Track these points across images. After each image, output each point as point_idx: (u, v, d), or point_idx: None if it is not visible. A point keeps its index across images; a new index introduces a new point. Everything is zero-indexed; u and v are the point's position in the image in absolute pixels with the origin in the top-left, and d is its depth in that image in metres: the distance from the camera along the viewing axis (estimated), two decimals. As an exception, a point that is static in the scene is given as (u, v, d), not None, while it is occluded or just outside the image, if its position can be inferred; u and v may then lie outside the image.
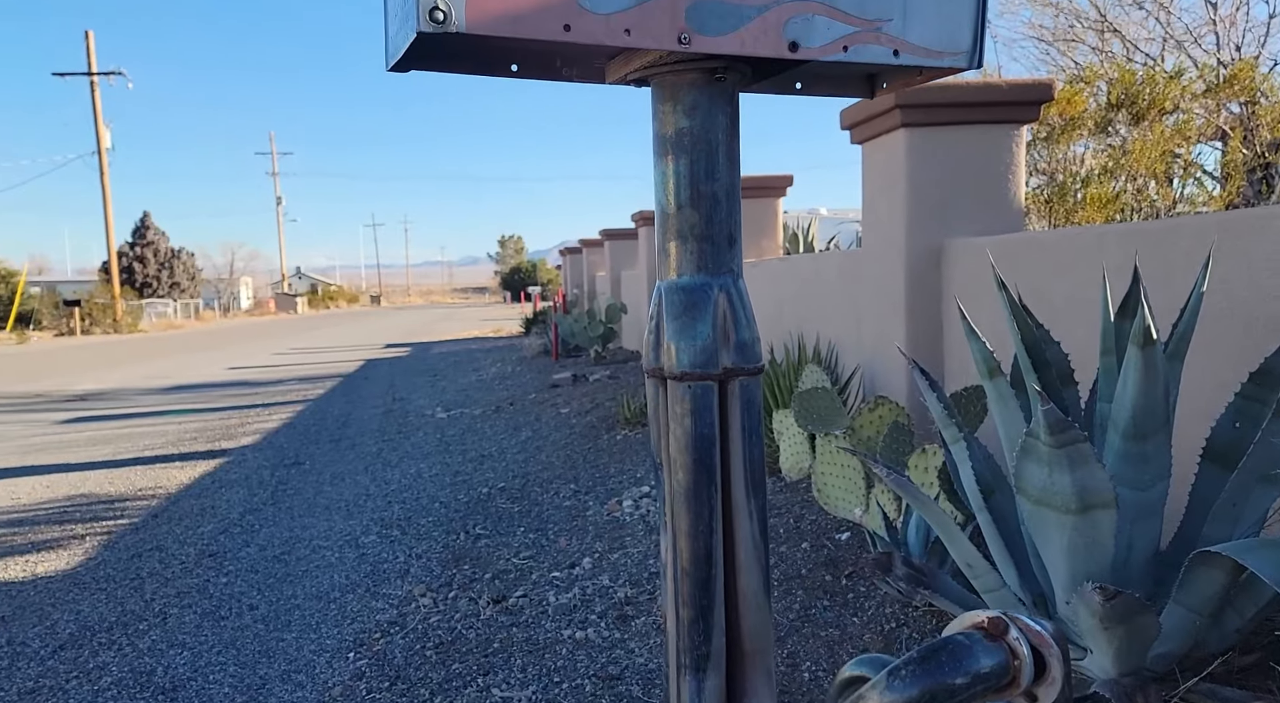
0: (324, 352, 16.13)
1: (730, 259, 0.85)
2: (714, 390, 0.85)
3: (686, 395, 0.84)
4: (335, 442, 6.53)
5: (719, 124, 0.82)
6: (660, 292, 0.86)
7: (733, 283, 0.85)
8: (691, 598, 0.82)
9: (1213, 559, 1.60)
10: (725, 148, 0.83)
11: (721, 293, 0.85)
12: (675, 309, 0.85)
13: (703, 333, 0.84)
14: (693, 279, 0.84)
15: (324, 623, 2.89)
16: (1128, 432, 1.74)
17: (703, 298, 0.84)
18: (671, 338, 0.85)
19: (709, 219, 0.84)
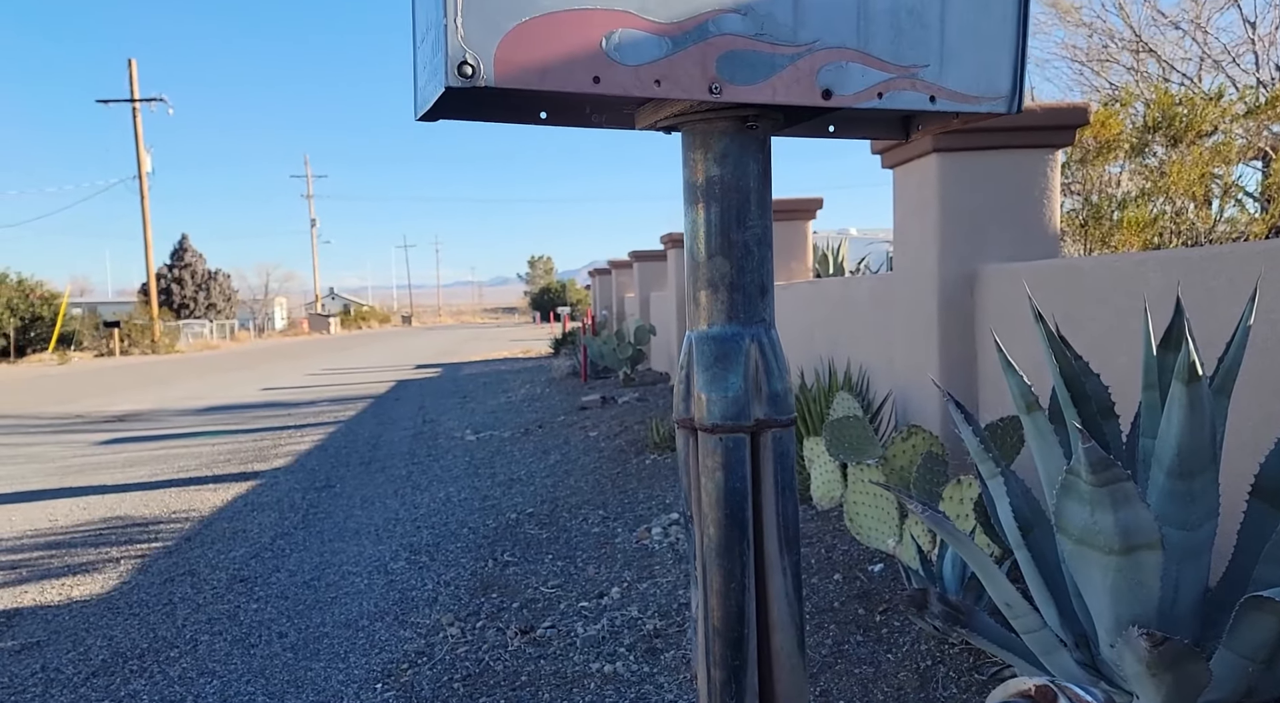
0: (356, 372, 16.28)
1: (762, 309, 0.83)
2: (746, 443, 0.83)
3: (718, 448, 0.82)
4: (365, 464, 6.57)
5: (751, 172, 0.80)
6: (690, 341, 0.84)
7: (765, 333, 0.84)
8: (723, 659, 0.79)
9: (1265, 604, 1.54)
10: (757, 195, 0.82)
11: (753, 343, 0.83)
12: (706, 360, 0.83)
13: (734, 384, 0.82)
14: (724, 329, 0.82)
15: (352, 652, 2.88)
16: (1173, 470, 1.69)
17: (734, 348, 0.82)
18: (702, 389, 0.83)
19: (740, 268, 0.82)
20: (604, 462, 5.87)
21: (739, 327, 0.82)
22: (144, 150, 30.29)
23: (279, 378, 15.55)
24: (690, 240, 0.84)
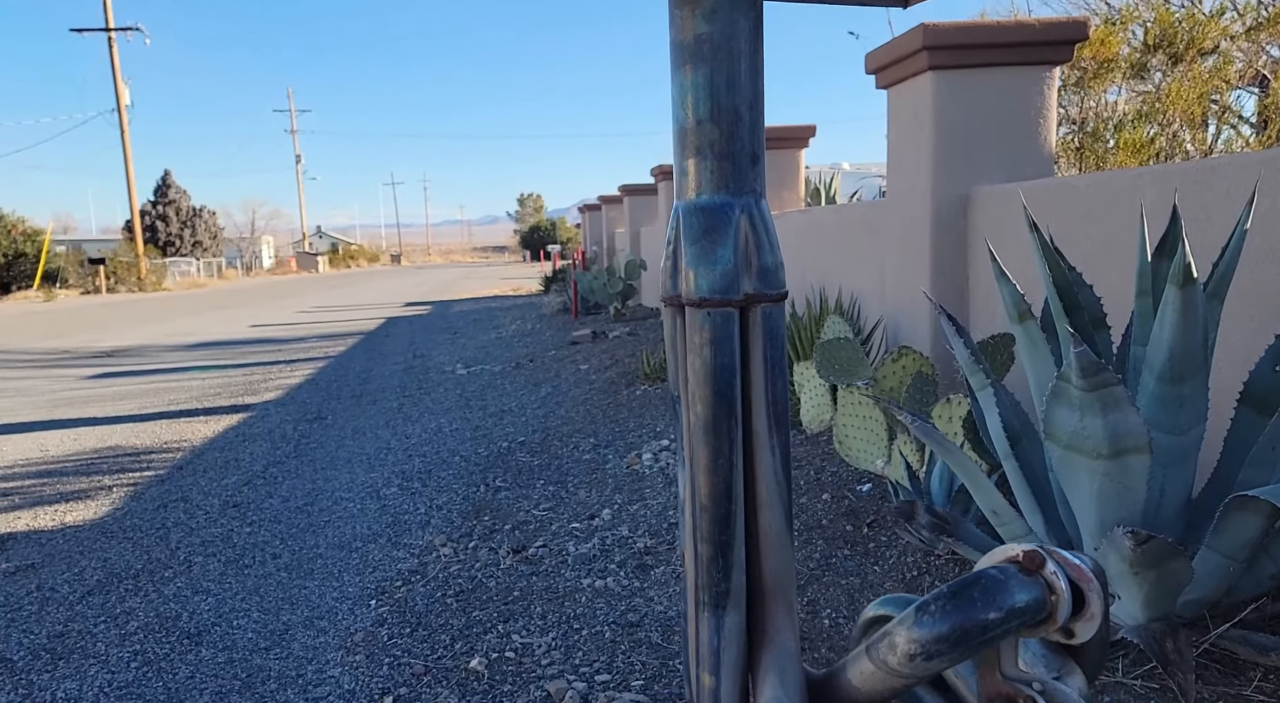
0: (345, 310, 16.19)
1: (753, 178, 0.80)
2: (735, 318, 0.81)
3: (706, 324, 0.80)
4: (356, 397, 6.56)
5: (741, 30, 0.76)
6: (678, 213, 0.81)
7: (755, 204, 0.81)
8: (710, 535, 0.79)
9: (1249, 503, 1.55)
10: (748, 57, 0.78)
11: (744, 215, 0.80)
12: (694, 232, 0.80)
13: (723, 257, 0.80)
14: (713, 199, 0.79)
15: (346, 571, 2.91)
16: (1164, 374, 1.68)
17: (723, 220, 0.80)
18: (690, 263, 0.80)
19: (730, 135, 0.79)
20: (595, 393, 5.88)
21: (729, 196, 0.79)
22: (121, 82, 29.50)
23: (268, 315, 15.45)
24: (677, 107, 0.81)
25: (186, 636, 2.44)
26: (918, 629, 0.73)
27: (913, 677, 0.75)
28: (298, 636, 2.43)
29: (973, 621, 0.71)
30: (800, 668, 0.82)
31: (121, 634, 2.46)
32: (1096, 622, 0.72)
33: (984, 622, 0.71)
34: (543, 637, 2.30)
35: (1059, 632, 0.73)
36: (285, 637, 2.42)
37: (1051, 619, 0.72)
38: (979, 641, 0.71)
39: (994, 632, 0.71)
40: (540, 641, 2.28)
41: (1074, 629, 0.73)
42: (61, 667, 2.28)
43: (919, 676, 0.74)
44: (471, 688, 2.04)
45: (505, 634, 2.33)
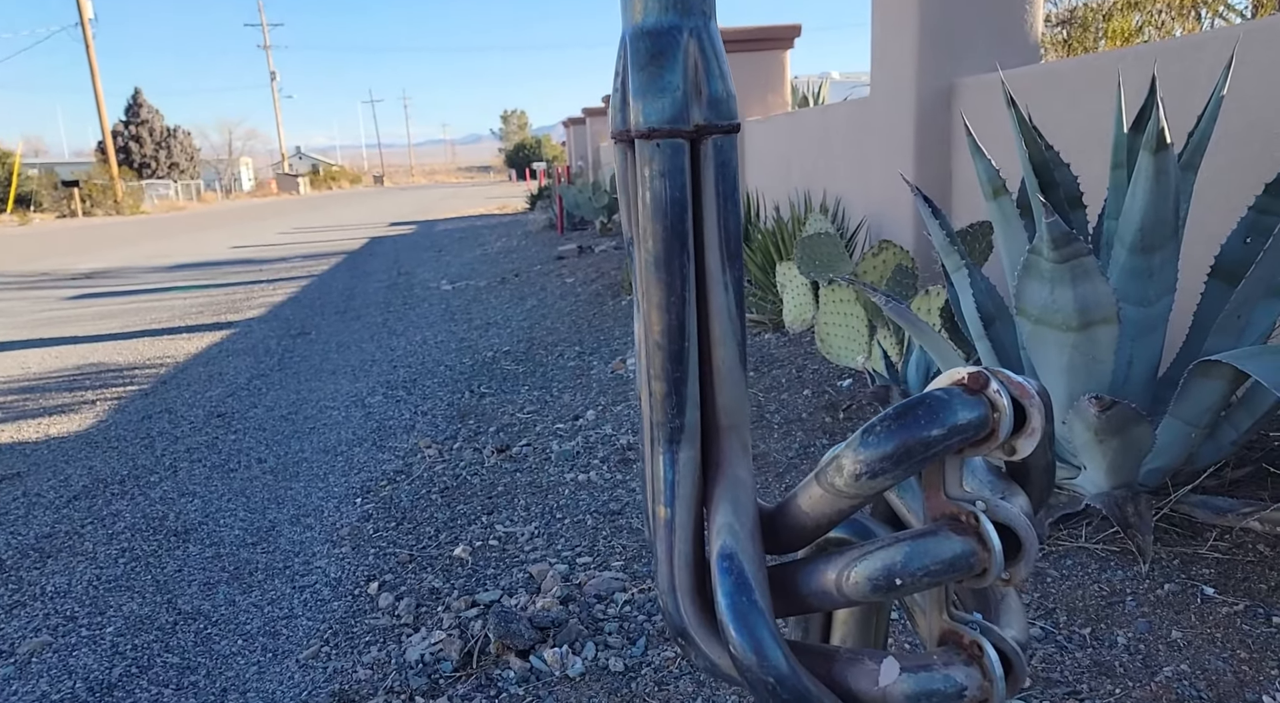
0: (328, 230, 15.97)
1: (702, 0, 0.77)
2: (685, 150, 0.79)
3: (655, 155, 0.78)
4: (341, 313, 6.53)
5: None
6: (624, 40, 0.78)
7: (705, 26, 0.77)
8: (664, 371, 0.78)
9: (1213, 369, 1.57)
10: None
11: (692, 39, 0.77)
12: (641, 59, 0.77)
13: (672, 84, 0.77)
14: (660, 21, 0.76)
15: (331, 473, 2.94)
16: (1134, 245, 1.68)
17: (671, 44, 0.77)
18: (637, 93, 0.78)
19: (676, -50, 0.75)
20: (580, 305, 5.87)
21: (676, 18, 0.76)
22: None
23: (250, 237, 15.24)
24: (621, -79, 0.77)
25: (174, 534, 2.48)
26: (864, 450, 0.73)
27: (858, 496, 0.76)
28: (284, 532, 2.47)
29: (916, 438, 0.72)
30: (753, 497, 0.83)
31: (109, 534, 2.50)
32: (1037, 437, 0.73)
33: (927, 439, 0.72)
34: (526, 526, 2.34)
35: (1001, 449, 0.74)
36: (272, 533, 2.46)
37: (994, 436, 0.73)
38: (922, 457, 0.72)
39: (936, 448, 0.72)
40: (523, 530, 2.32)
41: (1016, 446, 0.74)
42: (50, 564, 2.31)
43: (864, 495, 0.75)
44: (455, 572, 2.08)
45: (489, 525, 2.37)
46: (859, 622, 0.97)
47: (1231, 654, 1.39)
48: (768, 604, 0.77)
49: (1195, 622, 1.48)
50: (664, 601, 0.83)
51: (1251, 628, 1.45)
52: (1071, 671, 1.41)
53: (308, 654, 1.78)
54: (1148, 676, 1.37)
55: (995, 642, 0.78)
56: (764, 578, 0.79)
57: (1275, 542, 1.66)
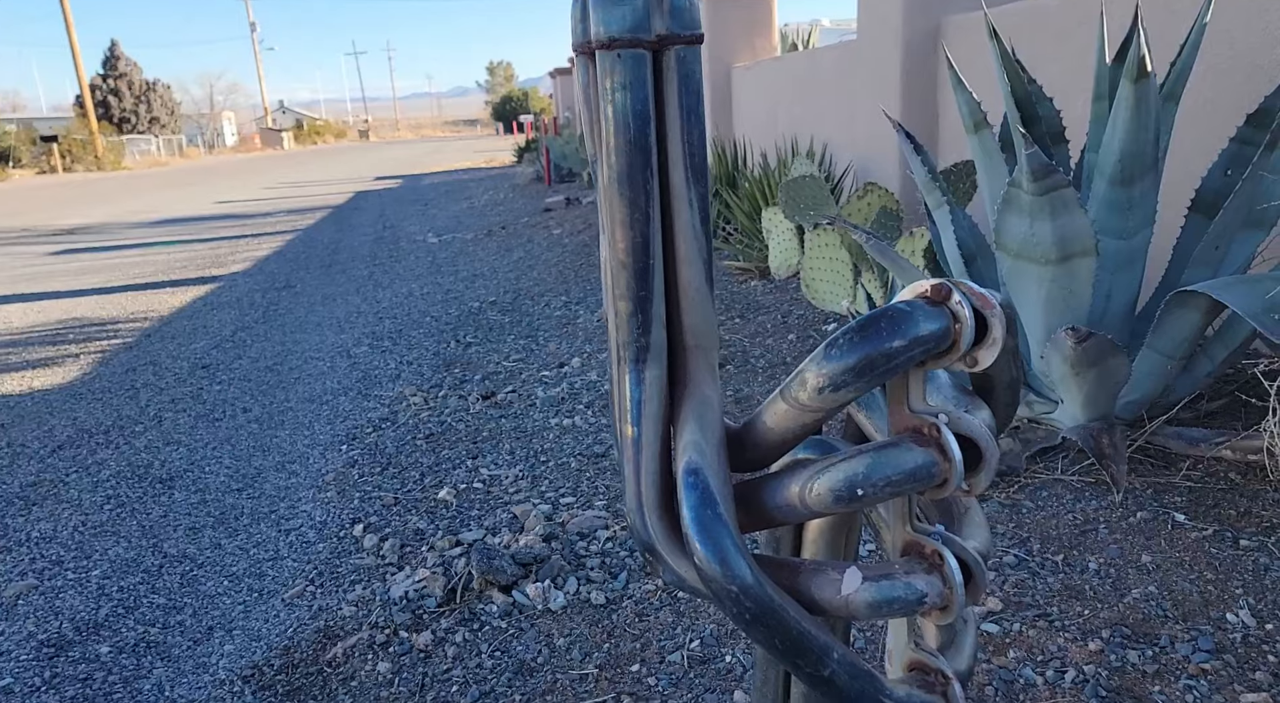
0: (313, 185, 15.78)
1: (663, -98, 0.75)
2: (647, 60, 0.77)
3: (616, 67, 0.76)
4: (326, 267, 6.49)
5: None
6: (583, -54, 0.76)
7: (665, -68, 0.75)
8: (629, 290, 0.78)
9: (1189, 299, 1.57)
10: None
11: (652, -55, 0.75)
12: (600, -35, 0.75)
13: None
14: (618, -75, 0.74)
15: (317, 421, 2.94)
16: (1114, 176, 1.67)
17: (630, -50, 0.75)
18: (597, 1, 0.76)
19: None
20: (567, 255, 5.83)
21: (635, -77, 0.73)
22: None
23: (234, 192, 15.04)
24: None
25: (159, 481, 2.49)
26: (826, 363, 0.73)
27: (822, 410, 0.76)
28: (270, 478, 2.47)
29: (878, 350, 0.72)
30: (719, 416, 0.83)
31: (94, 482, 2.50)
32: (998, 347, 0.73)
33: (889, 350, 0.72)
34: (510, 469, 2.35)
35: (963, 361, 0.74)
36: (257, 479, 2.47)
37: (956, 347, 0.73)
38: (884, 369, 0.72)
39: (898, 359, 0.72)
40: (508, 473, 2.33)
41: (978, 357, 0.74)
42: (35, 511, 2.32)
43: (827, 408, 0.76)
44: (440, 514, 2.10)
45: (474, 469, 2.38)
46: (829, 540, 0.98)
47: (1199, 576, 1.42)
48: (732, 517, 0.77)
49: (1165, 547, 1.51)
50: (631, 517, 0.83)
51: (1219, 551, 1.48)
52: (1042, 594, 1.43)
53: (293, 594, 1.80)
54: (1116, 597, 1.40)
55: (956, 551, 0.79)
56: (729, 492, 0.79)
57: (1246, 469, 1.68)
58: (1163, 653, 1.26)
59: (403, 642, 1.55)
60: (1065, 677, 1.24)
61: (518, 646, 1.51)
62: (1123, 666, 1.25)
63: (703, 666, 1.39)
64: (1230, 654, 1.25)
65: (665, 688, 1.35)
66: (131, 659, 1.62)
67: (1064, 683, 1.23)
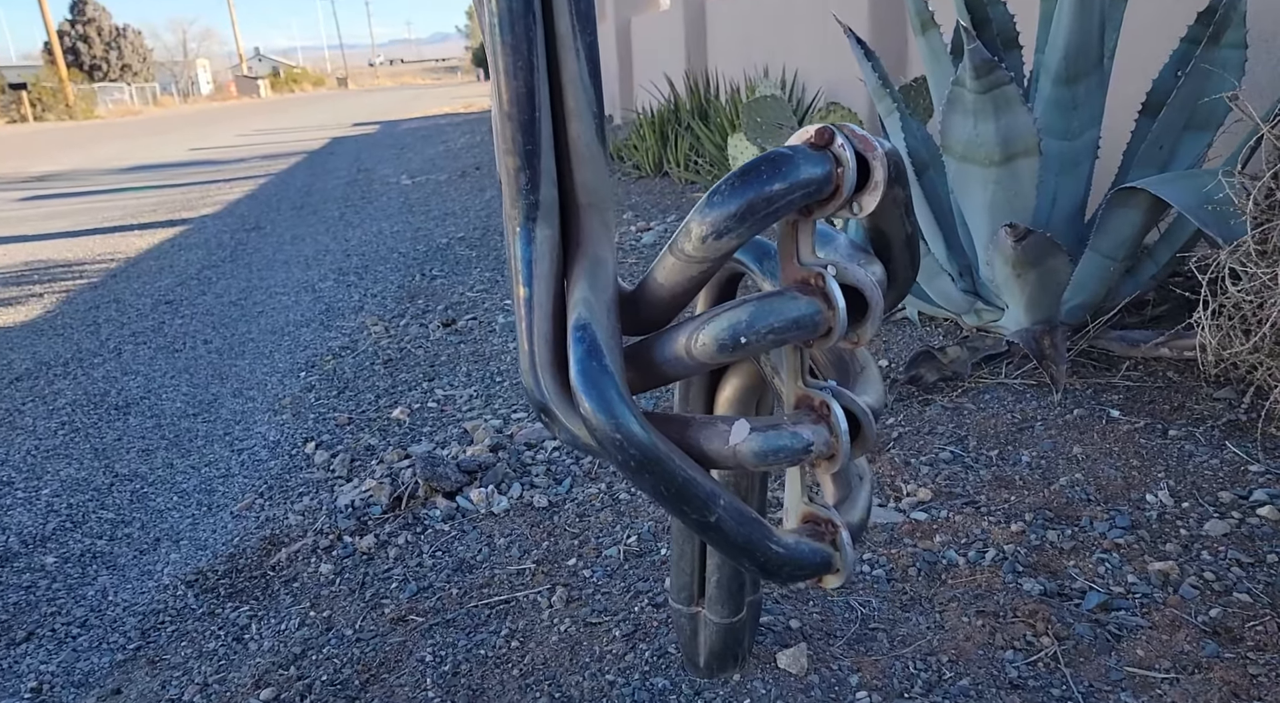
0: (288, 132, 15.49)
1: None
2: (525, -103, 0.74)
3: (494, -96, 0.73)
4: (297, 209, 6.41)
5: None
6: None
7: None
8: (515, 144, 0.76)
9: (1130, 197, 1.56)
10: None
11: None
12: None
13: None
14: None
15: (277, 351, 2.93)
16: (1059, 75, 1.64)
17: None
18: None
19: None
20: (540, 192, 5.75)
21: None
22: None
23: (208, 139, 14.76)
24: None
25: (114, 408, 2.47)
26: (709, 210, 0.72)
27: (708, 259, 0.75)
28: (226, 404, 2.47)
29: (759, 194, 0.71)
30: (611, 274, 0.82)
31: (49, 410, 2.49)
32: (879, 191, 0.72)
33: (769, 194, 0.71)
34: (465, 390, 2.35)
35: (849, 208, 0.74)
36: (214, 405, 2.46)
37: (838, 192, 0.72)
38: (765, 213, 0.71)
39: (779, 203, 0.71)
40: (463, 393, 2.33)
41: (861, 203, 0.73)
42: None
43: (713, 257, 0.75)
44: (392, 431, 2.10)
45: (429, 390, 2.38)
46: (739, 412, 0.98)
47: (1125, 464, 1.44)
48: (619, 370, 0.77)
49: (1097, 439, 1.52)
50: (525, 378, 0.83)
51: (1148, 441, 1.49)
52: (973, 486, 1.45)
53: (241, 506, 1.80)
54: (1044, 485, 1.42)
55: (845, 404, 0.80)
56: (616, 346, 0.79)
57: (1183, 367, 1.69)
58: (1081, 532, 1.28)
59: (346, 546, 1.56)
60: (986, 556, 1.26)
61: (459, 546, 1.52)
62: (1041, 544, 1.27)
63: (638, 559, 1.41)
64: (1144, 530, 1.27)
65: (600, 579, 1.36)
66: (76, 569, 1.63)
67: (984, 562, 1.25)
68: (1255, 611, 1.10)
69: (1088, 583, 1.19)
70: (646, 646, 1.19)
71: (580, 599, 1.31)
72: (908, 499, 1.43)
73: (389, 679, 1.20)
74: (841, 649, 1.13)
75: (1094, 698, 1.01)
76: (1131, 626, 1.11)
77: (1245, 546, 1.22)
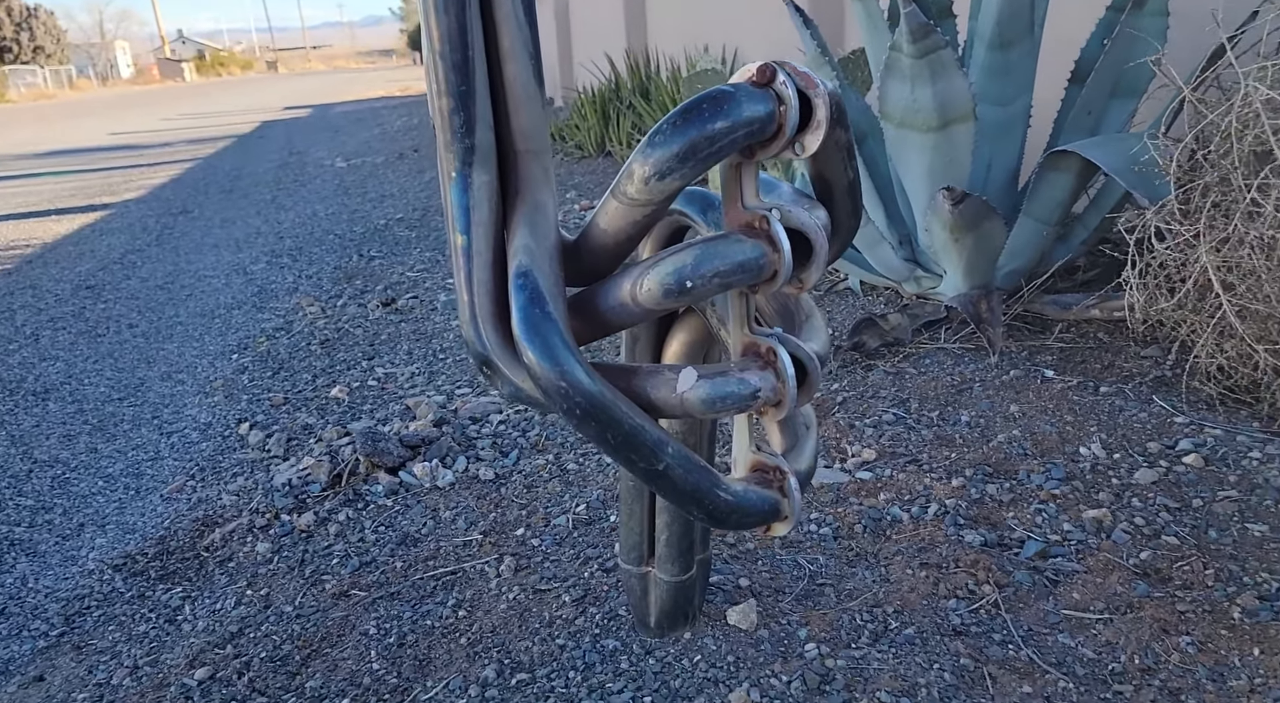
0: (216, 116, 14.99)
1: None
2: None
3: None
4: (227, 192, 6.21)
5: None
6: None
7: None
8: (449, 84, 0.73)
9: (1061, 160, 1.60)
10: None
11: None
12: None
13: None
14: None
15: (207, 334, 2.83)
16: (992, 40, 1.67)
17: None
18: None
19: None
20: (479, 174, 5.67)
21: None
22: None
23: (129, 124, 14.19)
24: None
25: (32, 394, 2.36)
26: (651, 151, 0.71)
27: (651, 202, 0.74)
28: (154, 387, 2.38)
29: (701, 133, 0.69)
30: (553, 222, 0.80)
31: (-38, 398, 2.37)
32: (823, 130, 0.71)
33: (712, 132, 0.69)
34: (407, 367, 2.30)
35: (792, 149, 0.73)
36: (141, 389, 2.37)
37: (781, 132, 0.71)
38: (708, 152, 0.70)
39: (722, 142, 0.70)
40: (404, 370, 2.28)
41: (804, 143, 0.73)
42: (-104, 426, 2.19)
43: (657, 199, 0.73)
44: (331, 410, 2.05)
45: (369, 369, 2.33)
46: (687, 361, 0.97)
47: (1059, 419, 1.47)
48: (563, 317, 0.75)
49: (1032, 398, 1.56)
50: (465, 330, 0.81)
51: (1080, 398, 1.53)
52: (916, 444, 1.47)
53: (171, 489, 1.74)
54: (983, 442, 1.44)
55: (791, 350, 0.79)
56: (560, 293, 0.77)
57: (1113, 328, 1.74)
58: (1019, 485, 1.31)
59: (284, 524, 1.52)
60: (928, 511, 1.28)
61: (402, 520, 1.49)
62: (981, 497, 1.29)
63: (587, 527, 1.40)
64: (1078, 481, 1.30)
65: (548, 547, 1.35)
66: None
67: (927, 517, 1.27)
68: (1182, 552, 1.14)
69: (1026, 533, 1.21)
70: (597, 609, 1.17)
71: (529, 567, 1.29)
72: (853, 460, 1.45)
73: (331, 654, 1.16)
74: (790, 605, 1.14)
75: (1033, 641, 1.04)
76: (1068, 571, 1.13)
77: (1172, 492, 1.26)
